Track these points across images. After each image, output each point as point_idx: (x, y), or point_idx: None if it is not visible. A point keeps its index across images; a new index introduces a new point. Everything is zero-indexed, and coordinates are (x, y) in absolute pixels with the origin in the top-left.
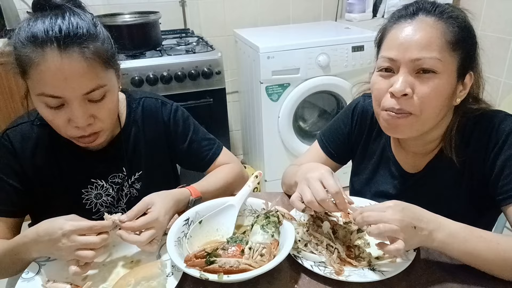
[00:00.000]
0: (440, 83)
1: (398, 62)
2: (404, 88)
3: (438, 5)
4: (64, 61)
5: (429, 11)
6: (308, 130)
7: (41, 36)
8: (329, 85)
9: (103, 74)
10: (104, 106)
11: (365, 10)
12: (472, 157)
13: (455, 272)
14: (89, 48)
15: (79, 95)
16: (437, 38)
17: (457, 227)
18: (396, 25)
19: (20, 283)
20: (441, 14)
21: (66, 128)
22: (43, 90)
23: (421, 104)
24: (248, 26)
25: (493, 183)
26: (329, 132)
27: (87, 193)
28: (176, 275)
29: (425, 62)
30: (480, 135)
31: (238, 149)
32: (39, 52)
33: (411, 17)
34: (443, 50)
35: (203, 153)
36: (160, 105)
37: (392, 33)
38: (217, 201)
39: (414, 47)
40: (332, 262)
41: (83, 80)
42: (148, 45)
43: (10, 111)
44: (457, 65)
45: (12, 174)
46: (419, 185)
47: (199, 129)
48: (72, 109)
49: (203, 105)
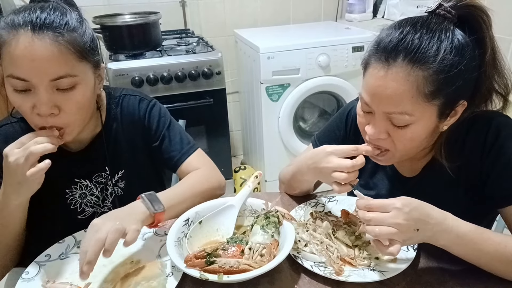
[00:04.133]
0: (416, 129)
1: (373, 107)
2: (377, 135)
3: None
4: (35, 42)
5: (409, 52)
6: (308, 130)
7: (18, 20)
8: (329, 86)
9: (75, 64)
10: (72, 98)
11: (365, 10)
12: (469, 159)
13: (455, 272)
14: (63, 36)
15: (46, 80)
16: (409, 92)
17: (465, 229)
18: (375, 64)
19: (20, 283)
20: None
21: (32, 116)
22: (12, 71)
23: (397, 146)
24: (248, 27)
25: (490, 184)
26: (323, 137)
27: (72, 193)
28: (176, 275)
29: (396, 117)
30: (475, 136)
31: (238, 149)
32: (12, 33)
33: (387, 59)
34: (415, 103)
35: (173, 151)
36: (137, 102)
37: (369, 74)
38: (217, 201)
39: (385, 101)
40: (332, 262)
41: (52, 65)
42: (148, 45)
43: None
44: (437, 109)
45: None
46: (416, 189)
47: (174, 127)
48: (37, 95)
49: (203, 105)
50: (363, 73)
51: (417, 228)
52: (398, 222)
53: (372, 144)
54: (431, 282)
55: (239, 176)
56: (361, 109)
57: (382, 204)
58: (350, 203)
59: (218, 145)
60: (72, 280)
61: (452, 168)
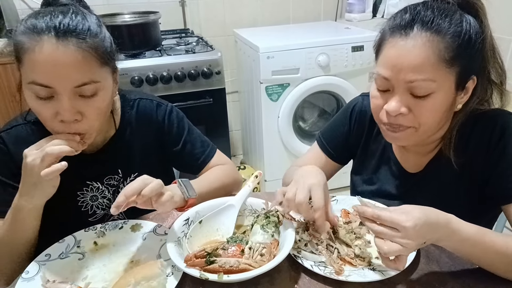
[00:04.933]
0: (437, 100)
1: (392, 80)
2: (398, 108)
3: (437, 14)
4: (59, 49)
5: (425, 22)
6: (308, 130)
7: (40, 26)
8: (329, 85)
9: (98, 70)
10: (94, 104)
11: (365, 10)
12: (473, 156)
13: (455, 272)
14: (86, 42)
15: (70, 87)
16: (431, 58)
17: (469, 232)
18: (391, 39)
19: (20, 283)
20: (438, 27)
21: (53, 122)
22: (35, 78)
23: (419, 120)
24: (248, 26)
25: (494, 182)
26: (328, 133)
27: (83, 195)
28: (176, 275)
29: (418, 85)
30: (480, 134)
31: (238, 149)
32: (35, 39)
33: (405, 31)
34: (438, 69)
35: (196, 155)
36: (155, 106)
37: (387, 48)
38: (217, 201)
39: (406, 69)
40: (332, 262)
41: (76, 71)
42: (148, 45)
43: (10, 111)
44: (455, 78)
45: (10, 176)
46: (420, 185)
47: (193, 131)
48: (61, 102)
49: (203, 105)
50: (377, 53)
51: (424, 241)
52: (408, 242)
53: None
54: (431, 282)
55: None
56: (376, 90)
57: (393, 221)
58: (350, 203)
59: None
60: (72, 280)
61: (457, 164)
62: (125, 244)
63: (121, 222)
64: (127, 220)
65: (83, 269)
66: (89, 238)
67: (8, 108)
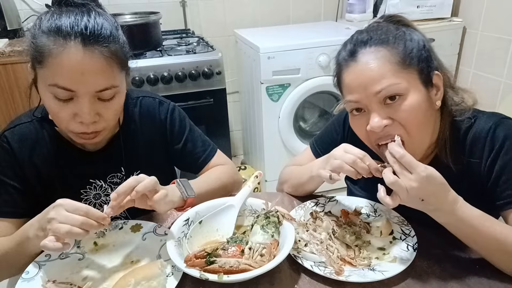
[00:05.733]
0: (412, 101)
1: (363, 101)
2: (380, 123)
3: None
4: (85, 56)
5: (365, 42)
6: (308, 130)
7: (66, 29)
8: (330, 85)
9: (118, 75)
10: (112, 107)
11: (365, 10)
12: (469, 163)
13: (455, 272)
14: (109, 48)
15: (92, 91)
16: (385, 66)
17: (471, 215)
18: (345, 69)
19: (20, 283)
20: (377, 40)
21: (70, 122)
22: (57, 81)
23: (405, 127)
24: (249, 26)
25: (491, 189)
26: (321, 140)
27: (86, 194)
28: (176, 275)
29: (386, 91)
30: (476, 140)
31: (239, 149)
32: (61, 44)
33: (352, 56)
34: (397, 72)
35: (197, 154)
36: (157, 104)
37: (345, 78)
38: (217, 201)
39: (370, 83)
40: (332, 262)
41: (99, 77)
42: (148, 45)
43: (10, 111)
44: (418, 76)
45: (13, 176)
46: None
47: (195, 130)
48: (80, 104)
49: (204, 105)
50: (340, 85)
51: (422, 198)
52: (413, 186)
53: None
54: (431, 282)
55: None
56: (353, 118)
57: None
58: (350, 203)
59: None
60: (72, 280)
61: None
62: (125, 244)
63: (121, 222)
64: (127, 221)
65: (83, 269)
66: (89, 238)
67: (8, 108)
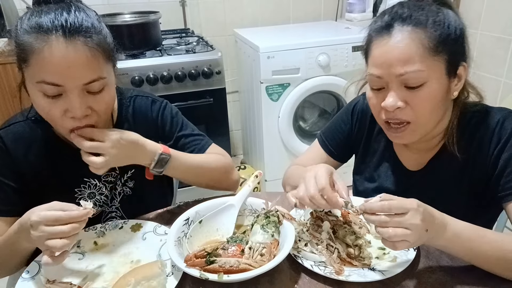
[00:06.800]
0: (431, 89)
1: (385, 77)
2: (395, 102)
3: (413, 10)
4: (69, 49)
5: (404, 18)
6: (308, 130)
7: (47, 25)
8: (329, 85)
9: (104, 66)
10: (102, 99)
11: (365, 10)
12: (475, 154)
13: (455, 272)
14: (93, 39)
15: (80, 84)
16: (415, 49)
17: (462, 226)
18: (376, 41)
19: (20, 283)
20: (416, 20)
21: (62, 119)
22: (44, 77)
23: (417, 112)
24: (248, 26)
25: (495, 180)
26: (329, 131)
27: (80, 192)
28: (176, 275)
29: (410, 76)
30: (483, 132)
31: (238, 149)
32: (43, 39)
33: (387, 30)
34: (425, 59)
35: (190, 147)
36: (150, 103)
37: (374, 49)
38: (217, 201)
39: (396, 63)
40: (332, 262)
41: (86, 69)
42: (148, 45)
43: (10, 111)
44: (444, 65)
45: (8, 174)
46: (421, 183)
47: (187, 126)
48: (70, 99)
49: (203, 105)
50: (366, 55)
51: (427, 228)
52: (415, 223)
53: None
54: (431, 282)
55: None
56: (371, 91)
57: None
58: None
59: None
60: (72, 280)
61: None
62: (125, 244)
63: (121, 222)
64: (127, 220)
65: (83, 269)
66: (89, 238)
67: (8, 108)
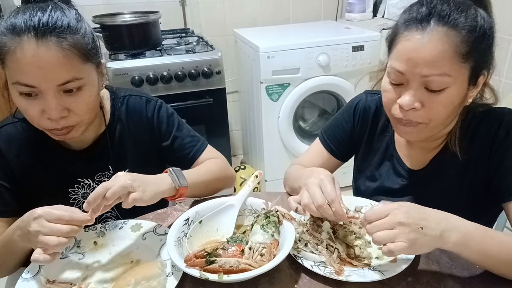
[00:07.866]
0: (450, 94)
1: (407, 75)
2: (412, 103)
3: (453, 9)
4: (40, 49)
5: (442, 17)
6: (308, 130)
7: (19, 25)
8: (329, 85)
9: (81, 67)
10: (80, 100)
11: (365, 10)
12: (477, 153)
13: (455, 272)
14: (67, 40)
15: (53, 85)
16: (447, 52)
17: (471, 227)
18: (406, 32)
19: (20, 283)
20: (454, 21)
21: (39, 119)
22: (18, 78)
23: (431, 116)
24: (248, 26)
25: (497, 180)
26: (330, 129)
27: (74, 193)
28: (176, 275)
29: (434, 79)
30: (486, 131)
31: (238, 149)
32: (16, 40)
33: (422, 24)
34: (453, 64)
35: (186, 149)
36: (144, 103)
37: (402, 41)
38: (217, 201)
39: (422, 63)
40: (332, 262)
41: (58, 70)
42: (148, 44)
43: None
44: (469, 72)
45: (2, 175)
46: (423, 182)
47: (183, 126)
48: (46, 100)
49: (203, 105)
50: (391, 46)
51: (420, 226)
52: (398, 221)
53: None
54: (431, 282)
55: (239, 175)
56: (389, 84)
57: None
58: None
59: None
60: (72, 280)
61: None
62: (125, 244)
63: (121, 222)
64: (127, 220)
65: (83, 269)
66: (89, 238)
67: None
